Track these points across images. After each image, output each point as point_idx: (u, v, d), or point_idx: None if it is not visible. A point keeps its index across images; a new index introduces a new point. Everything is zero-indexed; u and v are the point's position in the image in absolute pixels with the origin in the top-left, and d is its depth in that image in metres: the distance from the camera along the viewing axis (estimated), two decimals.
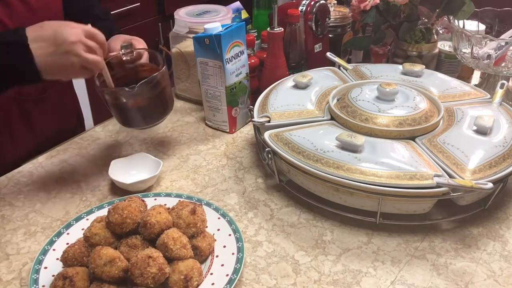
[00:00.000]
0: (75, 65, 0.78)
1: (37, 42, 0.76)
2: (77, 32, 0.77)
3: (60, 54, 0.76)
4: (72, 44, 0.76)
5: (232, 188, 0.90)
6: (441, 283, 0.70)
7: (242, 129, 1.10)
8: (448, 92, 0.98)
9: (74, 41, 0.76)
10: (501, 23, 1.14)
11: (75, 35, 0.76)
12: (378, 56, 1.24)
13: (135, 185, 0.87)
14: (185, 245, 0.67)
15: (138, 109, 0.91)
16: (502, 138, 0.82)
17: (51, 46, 0.76)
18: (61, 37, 0.76)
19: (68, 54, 0.76)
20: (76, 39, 0.76)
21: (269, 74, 1.10)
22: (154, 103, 0.92)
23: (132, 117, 0.92)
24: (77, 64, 0.78)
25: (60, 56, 0.76)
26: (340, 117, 0.88)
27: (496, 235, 0.79)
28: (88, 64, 0.79)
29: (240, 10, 1.28)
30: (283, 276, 0.71)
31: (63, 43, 0.76)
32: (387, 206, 0.77)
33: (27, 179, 0.93)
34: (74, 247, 0.68)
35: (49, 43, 0.76)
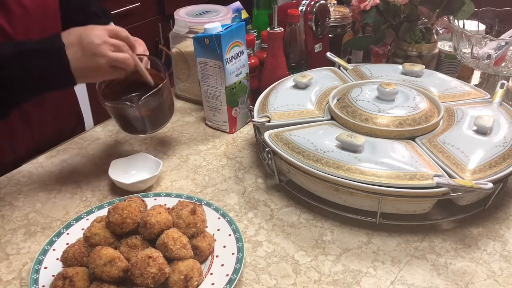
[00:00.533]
0: (104, 65, 0.79)
1: (68, 48, 0.78)
2: (101, 34, 0.79)
3: (88, 57, 0.78)
4: (98, 46, 0.78)
5: (232, 188, 0.90)
6: (441, 283, 0.70)
7: (242, 129, 1.10)
8: (448, 92, 0.98)
9: (99, 43, 0.78)
10: (501, 23, 1.14)
11: (99, 36, 0.78)
12: (378, 56, 1.24)
13: (135, 185, 0.87)
14: (185, 245, 0.67)
15: (140, 118, 0.91)
16: (502, 138, 0.82)
17: (79, 50, 0.78)
18: (86, 40, 0.78)
19: (96, 56, 0.78)
20: (101, 40, 0.78)
21: (269, 74, 1.10)
22: (157, 112, 0.92)
23: (134, 125, 0.92)
24: (106, 65, 0.79)
25: (88, 59, 0.78)
26: (340, 117, 0.88)
27: (496, 235, 0.79)
28: (117, 62, 0.80)
29: (240, 10, 1.28)
30: (283, 276, 0.71)
31: (89, 46, 0.78)
32: (387, 206, 0.77)
33: (27, 179, 0.93)
34: (74, 247, 0.68)
35: (77, 48, 0.78)
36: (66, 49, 0.78)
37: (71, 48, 0.78)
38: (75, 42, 0.78)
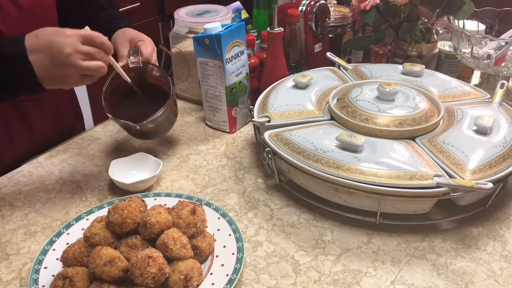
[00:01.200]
0: (73, 75, 0.76)
1: (34, 53, 0.74)
2: (72, 42, 0.74)
3: (56, 66, 0.74)
4: (68, 56, 0.73)
5: (232, 188, 0.90)
6: (441, 283, 0.70)
7: (242, 129, 1.10)
8: (448, 92, 0.98)
9: (70, 53, 0.73)
10: (501, 23, 1.14)
11: (70, 45, 0.73)
12: (378, 56, 1.24)
13: (135, 185, 0.87)
14: (185, 245, 0.67)
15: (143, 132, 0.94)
16: (502, 138, 0.82)
17: (47, 58, 0.74)
18: (56, 48, 0.73)
19: (65, 66, 0.74)
20: (71, 49, 0.74)
21: (269, 74, 1.10)
22: (160, 126, 0.95)
23: (139, 134, 0.95)
24: (75, 74, 0.76)
25: (57, 68, 0.74)
26: (340, 117, 0.88)
27: (496, 235, 0.79)
28: (87, 71, 0.77)
29: (240, 10, 1.28)
30: (283, 276, 0.71)
31: (58, 55, 0.73)
32: (387, 206, 0.77)
33: (27, 179, 0.93)
34: (74, 247, 0.68)
35: (45, 54, 0.74)
36: (30, 54, 0.73)
37: (38, 54, 0.74)
38: (43, 49, 0.74)
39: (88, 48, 0.76)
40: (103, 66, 0.78)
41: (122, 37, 0.95)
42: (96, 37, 0.77)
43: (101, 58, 0.78)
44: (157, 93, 0.93)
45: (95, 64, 0.77)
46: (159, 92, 0.93)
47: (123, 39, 0.95)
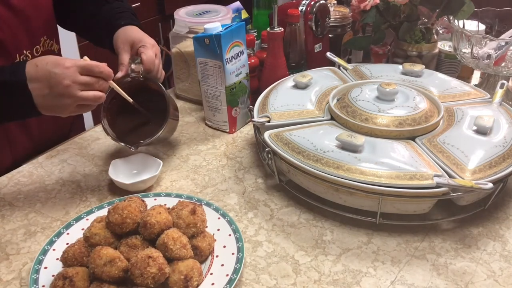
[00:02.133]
0: (71, 105, 0.77)
1: (33, 82, 0.75)
2: (71, 73, 0.75)
3: (54, 96, 0.75)
4: (66, 87, 0.74)
5: (232, 188, 0.90)
6: (441, 283, 0.70)
7: (242, 129, 1.10)
8: (448, 92, 0.98)
9: (68, 84, 0.74)
10: (501, 23, 1.14)
11: (68, 77, 0.74)
12: (378, 56, 1.24)
13: (135, 185, 0.87)
14: (185, 245, 0.67)
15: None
16: (502, 138, 0.82)
17: (45, 88, 0.75)
18: (55, 79, 0.74)
19: (63, 97, 0.75)
20: (70, 81, 0.75)
21: (269, 74, 1.10)
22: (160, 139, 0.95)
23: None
24: (72, 104, 0.77)
25: (55, 98, 0.76)
26: (340, 117, 0.88)
27: (496, 235, 0.79)
28: (85, 102, 0.78)
29: (240, 10, 1.28)
30: (283, 276, 0.71)
31: (56, 86, 0.74)
32: (387, 206, 0.77)
33: (27, 179, 0.93)
34: (74, 247, 0.68)
35: (43, 84, 0.75)
36: (30, 83, 0.75)
37: (37, 84, 0.75)
38: (42, 79, 0.75)
39: (86, 78, 0.77)
40: (101, 96, 0.79)
41: (123, 39, 0.92)
42: (95, 67, 0.78)
43: (99, 86, 0.79)
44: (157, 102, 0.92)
45: (92, 95, 0.77)
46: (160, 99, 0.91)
47: (124, 42, 0.92)
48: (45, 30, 0.98)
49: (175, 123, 0.98)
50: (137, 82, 0.90)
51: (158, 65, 0.91)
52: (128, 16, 1.00)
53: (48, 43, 0.99)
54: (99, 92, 0.79)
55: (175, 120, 0.98)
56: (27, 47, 0.94)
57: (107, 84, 0.80)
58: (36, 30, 0.95)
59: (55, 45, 1.02)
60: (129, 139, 0.92)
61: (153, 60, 0.89)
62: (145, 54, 0.89)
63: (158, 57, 0.93)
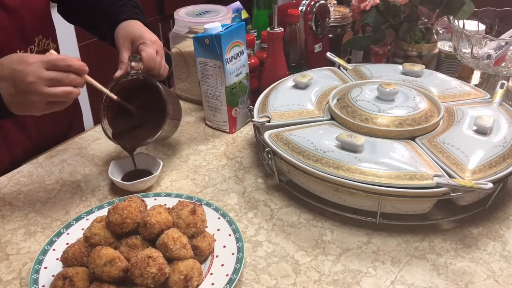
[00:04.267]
0: (39, 102, 0.74)
1: (1, 81, 0.73)
2: (34, 69, 0.72)
3: (21, 94, 0.73)
4: (31, 84, 0.71)
5: (232, 188, 0.90)
6: (441, 283, 0.70)
7: (242, 129, 1.10)
8: (448, 92, 0.98)
9: (32, 81, 0.71)
10: (501, 23, 1.14)
11: (32, 73, 0.71)
12: (378, 56, 1.24)
13: (135, 185, 0.87)
14: (185, 245, 0.67)
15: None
16: (502, 138, 0.82)
17: (11, 87, 0.73)
18: (19, 77, 0.72)
19: (30, 94, 0.73)
20: (34, 77, 0.71)
21: (269, 74, 1.10)
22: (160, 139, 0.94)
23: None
24: (41, 101, 0.74)
25: (22, 96, 0.73)
26: (340, 117, 0.88)
27: (496, 235, 0.79)
28: (54, 98, 0.74)
29: (240, 10, 1.28)
30: (283, 276, 0.71)
31: (21, 83, 0.72)
32: (387, 206, 0.77)
33: (27, 179, 0.93)
34: (74, 247, 0.68)
35: (9, 83, 0.73)
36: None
37: (4, 83, 0.73)
38: (8, 77, 0.73)
39: (53, 73, 0.73)
40: (71, 91, 0.75)
41: (123, 36, 0.90)
42: (60, 61, 0.74)
43: (70, 82, 0.74)
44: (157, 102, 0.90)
45: (61, 91, 0.74)
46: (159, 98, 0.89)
47: (124, 39, 0.89)
48: (40, 29, 0.96)
49: (176, 122, 0.97)
50: (137, 81, 0.88)
51: (159, 62, 0.89)
52: (130, 9, 0.97)
53: (44, 43, 0.98)
54: (70, 87, 0.74)
55: (176, 120, 0.96)
56: (21, 47, 0.92)
57: (81, 79, 0.76)
58: (30, 29, 0.93)
59: (52, 44, 1.01)
60: (128, 140, 0.90)
61: (153, 57, 0.87)
62: (145, 51, 0.86)
63: (160, 54, 0.90)
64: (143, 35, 0.89)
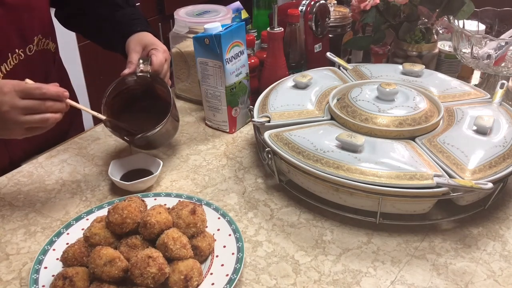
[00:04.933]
0: (17, 129, 0.75)
1: None
2: (8, 99, 0.72)
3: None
4: (5, 113, 0.72)
5: (232, 188, 0.90)
6: (441, 283, 0.70)
7: (242, 129, 1.10)
8: (448, 92, 0.98)
9: (6, 110, 0.72)
10: (501, 23, 1.14)
11: (6, 103, 0.72)
12: (378, 56, 1.24)
13: (135, 185, 0.87)
14: (185, 245, 0.67)
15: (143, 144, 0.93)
16: (502, 138, 0.82)
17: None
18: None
19: (6, 122, 0.74)
20: (8, 107, 0.72)
21: (269, 74, 1.10)
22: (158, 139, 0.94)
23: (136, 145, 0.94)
24: (19, 128, 0.75)
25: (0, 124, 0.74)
26: (340, 117, 0.88)
27: (496, 235, 0.79)
28: (32, 125, 0.75)
29: (240, 10, 1.28)
30: (283, 276, 0.71)
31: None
32: (387, 206, 0.77)
33: (27, 179, 0.93)
34: (74, 247, 0.68)
35: None
36: None
37: None
38: None
39: (27, 102, 0.74)
40: (48, 117, 0.75)
41: (135, 42, 0.93)
42: (34, 89, 0.74)
43: (46, 109, 0.75)
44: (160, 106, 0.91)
45: (38, 118, 0.75)
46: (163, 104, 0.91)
47: (136, 44, 0.93)
48: (39, 29, 0.96)
49: (176, 124, 0.97)
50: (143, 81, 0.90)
51: (166, 70, 0.92)
52: (143, 23, 1.01)
53: (44, 42, 0.98)
54: (48, 114, 0.75)
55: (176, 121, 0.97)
56: (20, 46, 0.92)
57: (60, 104, 0.77)
58: (29, 29, 0.94)
59: (51, 43, 1.01)
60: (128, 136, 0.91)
61: (162, 63, 0.90)
62: (156, 56, 0.90)
63: (168, 64, 0.93)
64: (155, 43, 0.94)
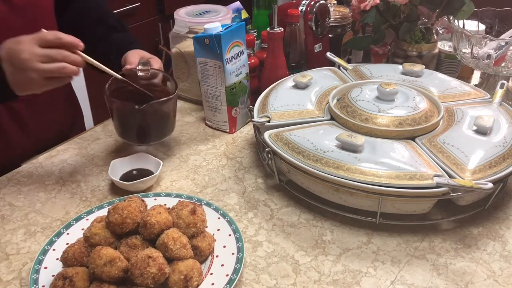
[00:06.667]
0: (37, 79, 0.76)
1: (2, 62, 0.77)
2: (28, 47, 0.74)
3: (19, 72, 0.75)
4: (25, 61, 0.74)
5: (232, 188, 0.90)
6: (441, 283, 0.70)
7: (242, 129, 1.10)
8: (448, 92, 0.98)
9: (26, 58, 0.74)
10: (501, 23, 1.14)
11: (25, 50, 0.74)
12: (378, 56, 1.24)
13: (135, 185, 0.87)
14: (185, 245, 0.67)
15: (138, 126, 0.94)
16: (502, 138, 0.82)
17: (10, 66, 0.76)
18: (14, 55, 0.75)
19: (26, 71, 0.75)
20: (27, 54, 0.74)
21: (269, 74, 1.10)
22: (155, 125, 0.95)
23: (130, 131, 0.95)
24: (39, 77, 0.76)
25: (20, 74, 0.76)
26: (340, 117, 0.88)
27: (496, 235, 0.79)
28: (51, 73, 0.76)
29: (240, 10, 1.28)
30: (283, 276, 0.71)
31: (17, 61, 0.75)
32: (387, 206, 0.77)
33: (27, 179, 0.93)
34: (74, 247, 0.68)
35: (8, 63, 0.76)
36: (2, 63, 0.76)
37: (5, 64, 0.76)
38: (6, 58, 0.76)
39: (45, 50, 0.75)
40: (65, 66, 0.76)
41: (133, 53, 0.97)
42: (50, 35, 0.76)
43: (63, 58, 0.76)
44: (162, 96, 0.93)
45: (55, 66, 0.75)
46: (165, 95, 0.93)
47: (134, 54, 0.97)
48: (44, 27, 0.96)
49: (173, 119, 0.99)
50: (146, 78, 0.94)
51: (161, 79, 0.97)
52: (138, 44, 1.04)
53: None
54: (64, 63, 0.76)
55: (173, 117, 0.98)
56: None
57: (76, 56, 0.77)
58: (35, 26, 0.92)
59: None
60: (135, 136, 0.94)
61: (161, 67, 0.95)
62: (155, 59, 0.95)
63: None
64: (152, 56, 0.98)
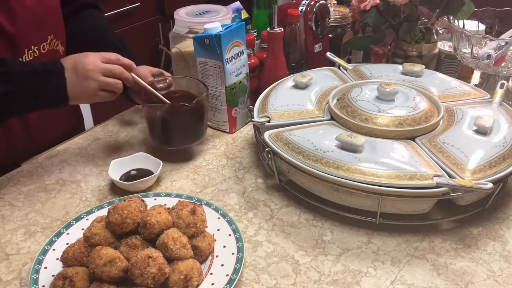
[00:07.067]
0: (95, 88, 0.88)
1: (66, 71, 0.87)
2: (93, 60, 0.88)
3: (81, 80, 0.87)
4: (90, 71, 0.87)
5: (232, 188, 0.90)
6: (441, 283, 0.70)
7: (242, 129, 1.10)
8: (448, 92, 0.98)
9: (91, 69, 0.87)
10: (501, 23, 1.14)
11: (91, 63, 0.87)
12: (378, 56, 1.24)
13: (135, 185, 0.87)
14: (185, 245, 0.67)
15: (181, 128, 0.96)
16: (502, 138, 0.82)
17: (73, 75, 0.87)
18: (80, 65, 0.87)
19: (88, 80, 0.87)
20: (93, 66, 0.87)
21: (269, 74, 1.10)
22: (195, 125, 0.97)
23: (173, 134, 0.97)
24: (97, 88, 0.88)
25: (81, 83, 0.87)
26: (340, 117, 0.88)
27: (496, 235, 0.79)
28: (107, 86, 0.89)
29: (240, 10, 1.28)
30: (283, 276, 0.71)
31: (81, 70, 0.87)
32: (387, 206, 0.77)
33: (27, 179, 0.93)
34: (74, 247, 0.68)
35: (72, 72, 0.87)
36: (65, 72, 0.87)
37: (69, 73, 0.87)
38: (70, 68, 0.87)
39: (107, 65, 0.89)
40: (119, 83, 0.90)
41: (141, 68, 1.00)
42: (112, 55, 0.91)
43: (120, 74, 0.90)
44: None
45: (113, 81, 0.90)
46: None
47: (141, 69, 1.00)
48: (53, 29, 1.00)
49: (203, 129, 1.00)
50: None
51: None
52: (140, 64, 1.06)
53: (54, 43, 1.01)
54: (119, 80, 0.90)
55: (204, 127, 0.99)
56: (36, 43, 0.96)
57: (128, 75, 0.91)
58: (45, 27, 0.98)
59: (61, 46, 1.04)
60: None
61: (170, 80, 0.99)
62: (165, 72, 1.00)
63: None
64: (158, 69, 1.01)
